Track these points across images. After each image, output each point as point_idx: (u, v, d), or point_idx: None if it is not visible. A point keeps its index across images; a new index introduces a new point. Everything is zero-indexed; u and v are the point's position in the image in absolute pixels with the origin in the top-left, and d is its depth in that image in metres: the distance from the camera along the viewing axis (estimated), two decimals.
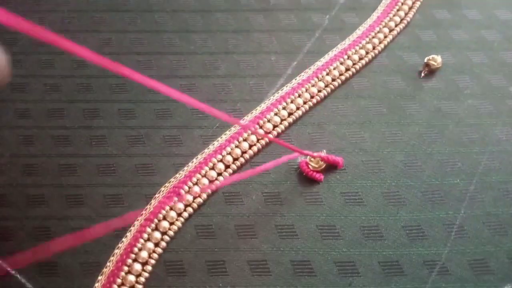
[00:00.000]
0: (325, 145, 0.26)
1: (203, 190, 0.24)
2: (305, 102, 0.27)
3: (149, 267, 0.23)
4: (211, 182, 0.25)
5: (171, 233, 0.24)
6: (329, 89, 0.28)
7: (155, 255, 0.23)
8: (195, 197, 0.24)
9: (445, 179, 0.25)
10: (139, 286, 0.22)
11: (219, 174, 0.25)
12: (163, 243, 0.23)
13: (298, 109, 0.27)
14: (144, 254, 0.23)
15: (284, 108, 0.27)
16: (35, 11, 0.31)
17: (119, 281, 0.22)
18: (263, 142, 0.26)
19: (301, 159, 0.25)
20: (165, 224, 0.24)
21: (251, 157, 0.26)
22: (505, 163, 0.26)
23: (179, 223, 0.24)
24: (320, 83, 0.28)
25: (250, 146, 0.26)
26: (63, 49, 0.13)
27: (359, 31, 0.30)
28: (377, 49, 0.29)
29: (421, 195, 0.25)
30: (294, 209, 0.24)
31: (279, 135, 0.27)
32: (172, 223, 0.24)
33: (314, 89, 0.28)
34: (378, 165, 0.26)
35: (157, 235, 0.23)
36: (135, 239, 0.23)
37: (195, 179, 0.25)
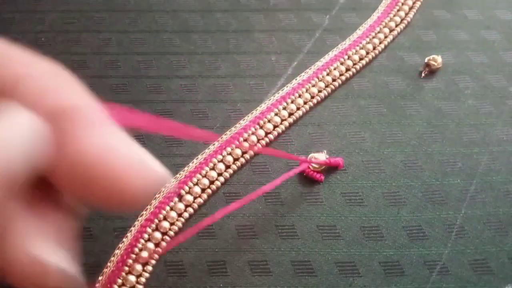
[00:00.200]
0: (326, 145, 0.26)
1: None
2: (305, 102, 0.27)
3: (149, 267, 0.23)
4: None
5: (171, 233, 0.24)
6: (329, 89, 0.28)
7: (156, 256, 0.23)
8: (195, 197, 0.24)
9: (446, 179, 0.25)
10: (140, 286, 0.22)
11: (219, 174, 0.25)
12: (164, 244, 0.23)
13: (298, 109, 0.27)
14: (144, 254, 0.23)
15: (284, 108, 0.27)
16: (35, 11, 0.31)
17: (119, 281, 0.22)
18: (263, 142, 0.26)
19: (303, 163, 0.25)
20: (165, 224, 0.24)
21: (251, 158, 0.26)
22: (506, 163, 0.26)
23: (179, 223, 0.24)
24: (320, 83, 0.28)
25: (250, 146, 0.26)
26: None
27: (359, 31, 0.30)
28: (378, 49, 0.29)
29: (421, 195, 0.25)
30: (294, 210, 0.24)
31: (279, 135, 0.27)
32: (172, 224, 0.24)
33: (314, 89, 0.28)
34: (378, 165, 0.26)
35: (158, 235, 0.23)
36: (136, 239, 0.23)
37: (195, 180, 0.25)
